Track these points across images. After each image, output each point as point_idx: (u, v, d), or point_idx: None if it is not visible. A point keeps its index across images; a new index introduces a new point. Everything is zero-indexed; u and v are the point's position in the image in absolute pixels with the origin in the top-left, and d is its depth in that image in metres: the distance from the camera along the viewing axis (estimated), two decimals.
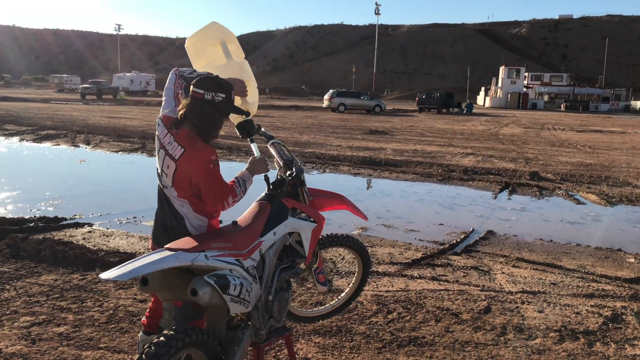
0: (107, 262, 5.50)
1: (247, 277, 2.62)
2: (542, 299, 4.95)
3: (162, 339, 2.32)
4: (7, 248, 5.87)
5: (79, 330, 4.01)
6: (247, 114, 2.97)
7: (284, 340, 3.15)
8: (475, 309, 4.66)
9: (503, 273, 5.72)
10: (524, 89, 65.13)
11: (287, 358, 3.69)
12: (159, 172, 2.84)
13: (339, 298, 3.99)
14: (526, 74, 68.71)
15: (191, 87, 2.74)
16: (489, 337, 4.14)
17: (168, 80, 3.11)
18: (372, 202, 9.47)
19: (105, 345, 3.81)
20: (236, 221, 2.87)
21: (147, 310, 3.21)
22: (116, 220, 7.64)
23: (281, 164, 3.23)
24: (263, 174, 3.12)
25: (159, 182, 2.91)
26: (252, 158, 3.09)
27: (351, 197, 3.73)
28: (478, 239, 7.11)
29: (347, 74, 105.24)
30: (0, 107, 32.39)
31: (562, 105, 61.66)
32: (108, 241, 6.51)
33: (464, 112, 47.30)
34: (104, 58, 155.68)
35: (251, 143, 3.30)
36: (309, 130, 22.93)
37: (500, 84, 66.43)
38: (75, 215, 7.75)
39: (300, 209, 3.13)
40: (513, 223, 8.19)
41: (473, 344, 4.03)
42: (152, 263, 2.29)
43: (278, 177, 3.23)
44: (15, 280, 5.00)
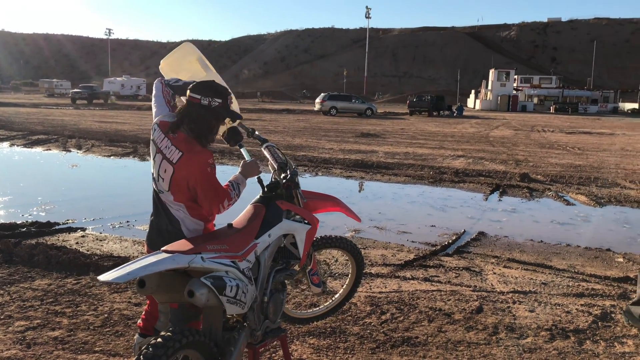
0: (101, 266, 5.52)
1: (242, 279, 2.66)
2: (533, 299, 5.02)
3: (160, 340, 2.35)
4: (0, 253, 5.86)
5: (73, 334, 4.02)
6: (240, 117, 3.01)
7: (279, 341, 3.19)
8: (468, 309, 4.71)
9: (494, 273, 5.78)
10: (514, 92, 65.56)
11: (282, 359, 3.73)
12: (155, 177, 2.87)
13: (333, 299, 4.03)
14: (516, 76, 69.15)
15: (188, 92, 2.79)
16: (481, 337, 4.20)
17: (155, 89, 3.15)
18: (364, 204, 9.53)
19: (100, 348, 3.82)
20: (231, 223, 2.91)
21: (143, 313, 3.23)
22: (109, 224, 7.64)
23: (275, 167, 3.28)
24: (256, 177, 3.16)
25: (154, 187, 2.93)
26: (244, 162, 3.13)
27: (344, 200, 3.77)
28: (469, 240, 7.18)
29: (339, 77, 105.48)
30: None
31: (551, 108, 62.17)
32: (101, 245, 6.51)
33: (455, 114, 47.57)
34: (94, 62, 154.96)
35: (241, 148, 3.33)
36: (301, 134, 22.98)
37: (490, 87, 66.85)
38: (68, 220, 7.74)
39: (295, 211, 3.17)
40: (504, 224, 8.28)
41: (465, 343, 4.09)
42: (149, 265, 2.32)
43: (272, 179, 3.28)
44: (8, 285, 5.00)
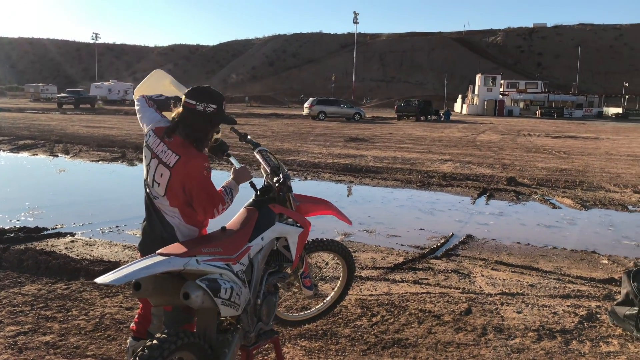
0: (92, 271, 5.51)
1: (236, 281, 2.70)
2: (521, 300, 5.10)
3: (155, 342, 2.38)
4: None
5: (65, 339, 4.02)
6: (235, 122, 3.05)
7: (272, 343, 3.22)
8: (457, 310, 4.78)
9: (482, 276, 5.86)
10: (500, 96, 66.21)
11: None
12: (150, 183, 2.89)
13: (324, 302, 4.08)
14: (502, 81, 69.89)
15: (183, 97, 2.83)
16: (470, 338, 4.26)
17: (138, 103, 3.19)
18: (353, 208, 9.58)
19: (92, 353, 3.83)
20: (225, 227, 2.95)
21: (136, 316, 3.25)
22: (99, 229, 7.62)
23: (268, 171, 3.32)
24: (248, 181, 3.21)
25: (147, 193, 2.96)
26: (234, 168, 3.18)
27: (333, 204, 3.83)
28: (458, 243, 7.27)
29: (327, 82, 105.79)
30: None
31: (537, 112, 62.81)
32: (91, 250, 6.50)
33: (442, 119, 47.90)
34: (80, 67, 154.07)
35: (229, 157, 3.35)
36: (289, 138, 23.03)
37: (476, 92, 67.43)
38: (56, 225, 7.70)
39: (287, 214, 3.22)
40: (491, 227, 8.38)
41: (455, 344, 4.15)
42: (145, 268, 2.35)
43: (265, 183, 3.32)
44: None
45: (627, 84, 78.08)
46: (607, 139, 27.58)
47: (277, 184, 3.22)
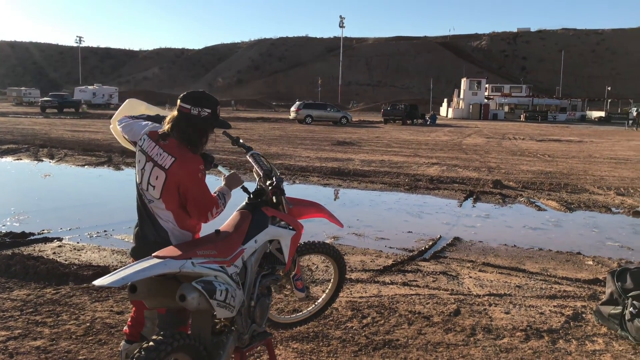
0: (81, 275, 5.49)
1: (231, 283, 2.73)
2: (508, 301, 5.19)
3: (152, 343, 2.40)
4: None
5: (56, 344, 4.01)
6: (229, 126, 3.08)
7: (265, 344, 3.25)
8: (446, 311, 4.84)
9: (470, 277, 5.94)
10: (485, 100, 66.79)
11: None
12: (144, 187, 2.91)
13: (316, 304, 4.11)
14: (487, 85, 70.49)
15: (178, 102, 2.86)
16: (460, 338, 4.32)
17: (123, 123, 3.19)
18: (342, 211, 9.63)
19: (84, 357, 3.82)
20: (219, 230, 2.98)
21: (129, 320, 3.26)
22: (86, 234, 7.58)
23: (261, 174, 3.35)
24: (240, 186, 3.24)
25: (141, 198, 2.97)
26: (224, 176, 3.21)
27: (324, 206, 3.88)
28: (445, 245, 7.35)
29: (313, 86, 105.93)
30: None
31: (521, 116, 63.49)
32: (79, 255, 6.47)
33: (428, 123, 48.19)
34: (64, 71, 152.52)
35: (217, 167, 3.34)
36: (277, 142, 23.04)
37: (462, 96, 67.98)
38: (43, 230, 7.65)
39: (280, 217, 3.25)
40: (478, 229, 8.48)
41: (444, 344, 4.21)
42: (142, 270, 2.38)
43: (258, 186, 3.35)
44: None
45: (609, 88, 79.28)
46: (591, 142, 27.98)
47: (270, 187, 3.25)
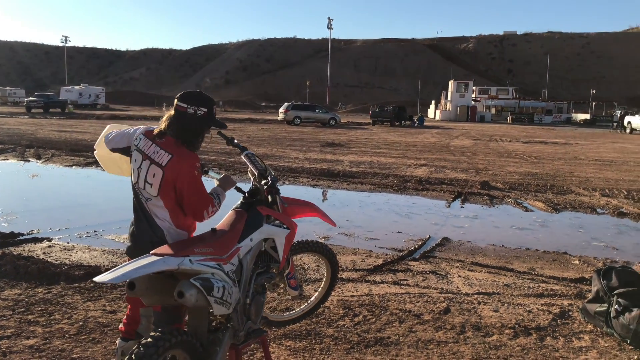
0: (72, 275, 5.49)
1: (227, 281, 2.77)
2: (497, 299, 5.27)
3: (150, 340, 2.43)
4: None
5: (49, 342, 4.01)
6: (225, 126, 3.12)
7: (260, 341, 3.29)
8: (436, 310, 4.92)
9: (459, 276, 6.03)
10: (472, 102, 67.27)
11: (261, 359, 3.83)
12: (141, 186, 2.94)
13: (308, 302, 4.16)
14: (474, 87, 71.01)
15: (175, 100, 2.90)
16: (450, 336, 4.40)
17: (114, 137, 3.19)
18: (332, 212, 9.60)
19: (78, 355, 3.83)
20: (215, 228, 3.02)
21: (125, 317, 3.28)
22: (76, 234, 7.55)
23: (256, 174, 3.40)
24: (233, 187, 3.30)
25: (137, 197, 3.00)
26: (216, 180, 3.26)
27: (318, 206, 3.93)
28: (434, 245, 7.43)
29: (301, 87, 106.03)
30: None
31: (508, 118, 64.04)
32: (70, 255, 6.45)
33: (416, 124, 48.46)
34: (49, 70, 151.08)
35: (208, 173, 3.37)
36: (266, 143, 23.05)
37: (449, 98, 68.40)
38: (32, 230, 7.61)
39: (274, 216, 3.30)
40: (466, 230, 8.58)
41: (435, 342, 4.28)
42: (142, 267, 2.41)
43: (253, 186, 3.40)
44: None
45: (594, 91, 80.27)
46: (576, 144, 28.33)
47: (265, 187, 3.29)
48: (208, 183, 3.08)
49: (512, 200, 11.19)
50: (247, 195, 3.32)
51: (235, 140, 3.55)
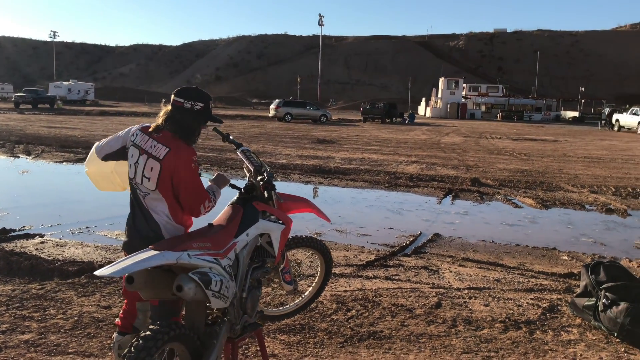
0: (66, 271, 5.50)
1: (225, 275, 2.81)
2: (487, 294, 5.36)
3: (149, 332, 2.47)
4: None
5: (45, 337, 4.04)
6: (221, 121, 3.16)
7: (255, 334, 3.34)
8: (427, 304, 4.99)
9: (450, 272, 6.11)
10: (463, 100, 67.51)
11: (254, 354, 3.88)
12: (138, 180, 2.97)
13: (302, 297, 4.21)
14: (464, 85, 71.25)
15: (172, 96, 2.94)
16: (441, 329, 4.47)
17: (106, 143, 3.20)
18: (324, 208, 9.65)
19: (74, 350, 3.86)
20: (212, 223, 3.05)
21: (121, 312, 3.31)
22: (68, 230, 7.55)
23: (252, 170, 3.44)
24: (228, 185, 3.34)
25: (134, 192, 3.02)
26: (209, 180, 3.31)
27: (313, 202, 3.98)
28: (426, 241, 7.51)
29: (292, 84, 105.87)
30: None
31: (498, 115, 64.32)
32: (63, 251, 6.46)
33: (407, 122, 48.60)
34: (38, 66, 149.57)
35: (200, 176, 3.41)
36: (257, 140, 23.04)
37: (440, 95, 68.61)
38: (24, 227, 7.60)
39: (270, 211, 3.34)
40: (457, 226, 8.67)
41: (427, 335, 4.35)
42: (142, 261, 2.45)
43: (248, 182, 3.44)
44: None
45: (583, 89, 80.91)
46: (565, 141, 28.58)
47: (261, 183, 3.33)
48: (203, 181, 3.12)
49: (502, 196, 11.30)
50: (243, 191, 3.36)
51: (231, 137, 3.59)
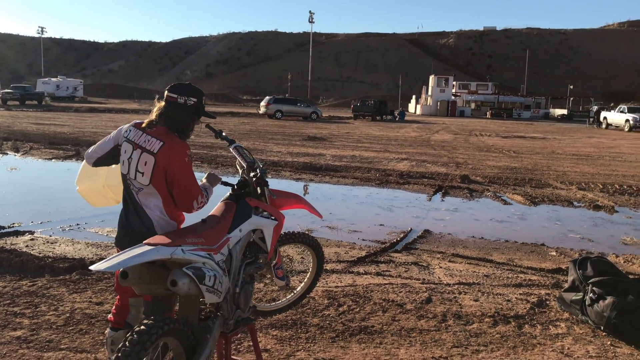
0: (57, 267, 5.49)
1: (218, 270, 2.83)
2: (477, 289, 5.42)
3: (143, 327, 2.49)
4: None
5: (37, 334, 4.04)
6: (214, 117, 3.18)
7: (248, 329, 3.36)
8: (418, 299, 5.04)
9: (440, 267, 6.17)
10: (453, 97, 67.78)
11: (247, 349, 3.91)
12: (132, 176, 2.98)
13: (294, 293, 4.23)
14: (454, 82, 71.51)
15: (166, 92, 2.95)
16: (432, 324, 4.53)
17: (96, 148, 3.19)
18: (315, 205, 9.72)
19: (66, 346, 3.86)
20: (205, 219, 3.07)
21: (114, 307, 3.32)
22: (59, 227, 7.52)
23: (244, 166, 3.46)
24: (220, 183, 3.37)
25: (127, 188, 3.04)
26: (202, 179, 3.33)
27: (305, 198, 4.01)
28: (416, 237, 7.57)
29: (283, 81, 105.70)
30: None
31: (487, 113, 64.65)
32: (53, 248, 6.44)
33: (397, 119, 48.69)
34: (25, 62, 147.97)
35: (222, 135, 3.52)
36: (247, 137, 23.01)
37: (430, 92, 68.85)
38: (13, 224, 7.56)
39: (262, 207, 3.36)
40: (447, 222, 8.74)
41: (417, 330, 4.40)
42: (136, 256, 2.46)
43: (241, 178, 3.46)
44: None
45: (571, 87, 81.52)
46: (554, 139, 28.80)
47: (254, 179, 3.36)
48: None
49: (492, 193, 11.40)
50: (235, 187, 3.38)
51: (224, 133, 3.61)
